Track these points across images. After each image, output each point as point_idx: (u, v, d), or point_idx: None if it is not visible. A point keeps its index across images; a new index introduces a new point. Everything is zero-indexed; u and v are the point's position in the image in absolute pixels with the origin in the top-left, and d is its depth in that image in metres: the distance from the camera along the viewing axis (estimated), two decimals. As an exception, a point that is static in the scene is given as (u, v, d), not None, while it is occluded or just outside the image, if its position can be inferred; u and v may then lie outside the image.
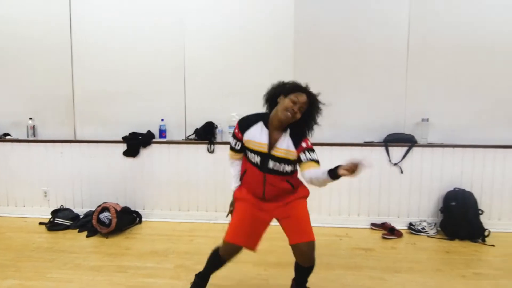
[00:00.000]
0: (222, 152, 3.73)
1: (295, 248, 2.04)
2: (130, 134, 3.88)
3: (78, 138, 3.99)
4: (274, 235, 2.39)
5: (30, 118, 4.02)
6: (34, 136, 4.03)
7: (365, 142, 3.72)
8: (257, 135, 2.07)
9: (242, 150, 2.18)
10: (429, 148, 3.64)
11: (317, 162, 2.05)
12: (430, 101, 3.73)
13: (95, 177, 3.90)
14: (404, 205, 3.68)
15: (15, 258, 2.90)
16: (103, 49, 3.92)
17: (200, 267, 2.31)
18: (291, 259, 2.12)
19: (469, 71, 3.69)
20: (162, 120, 3.89)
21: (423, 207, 3.67)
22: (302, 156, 2.03)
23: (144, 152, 3.84)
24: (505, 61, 3.65)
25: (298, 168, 2.16)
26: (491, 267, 2.85)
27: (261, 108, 2.20)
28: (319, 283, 2.47)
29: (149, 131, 3.91)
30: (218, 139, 3.82)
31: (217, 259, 2.18)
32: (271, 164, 2.07)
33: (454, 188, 3.56)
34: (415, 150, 3.63)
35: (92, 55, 3.93)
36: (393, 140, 3.66)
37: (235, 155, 2.23)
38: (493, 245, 3.24)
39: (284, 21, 3.77)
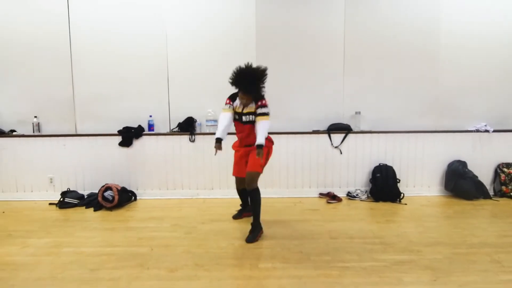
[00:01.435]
0: (201, 141, 4.66)
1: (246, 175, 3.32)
2: (124, 128, 4.71)
3: (78, 133, 4.76)
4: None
5: (35, 117, 4.74)
6: (39, 132, 4.75)
7: (313, 131, 4.78)
8: (237, 103, 3.36)
9: (231, 109, 3.39)
10: (361, 134, 4.76)
11: (264, 114, 3.22)
12: (361, 97, 4.84)
13: (95, 164, 4.69)
14: (343, 178, 4.79)
15: (41, 226, 3.69)
16: (99, 55, 4.70)
17: (190, 225, 3.43)
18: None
19: (390, 77, 4.83)
20: (151, 116, 4.75)
21: (357, 179, 4.79)
22: (256, 111, 3.26)
23: (137, 143, 4.69)
24: (416, 66, 4.82)
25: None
26: (399, 216, 4.00)
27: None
28: (278, 230, 3.50)
29: (139, 126, 4.75)
30: (198, 131, 4.74)
31: (238, 191, 3.77)
32: (244, 118, 3.33)
33: (379, 164, 4.71)
34: (350, 136, 4.74)
35: (89, 61, 4.70)
36: (334, 128, 4.74)
37: (226, 110, 3.39)
38: (405, 204, 4.41)
39: (248, 26, 4.73)
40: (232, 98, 3.41)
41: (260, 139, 3.15)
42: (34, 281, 2.57)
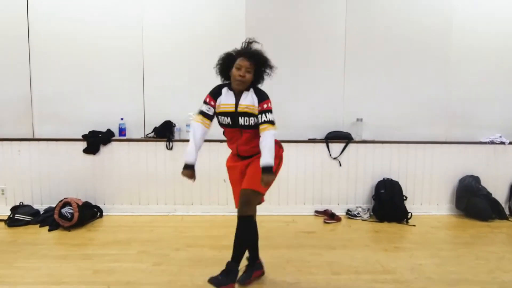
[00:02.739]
0: (180, 149, 4.02)
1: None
2: (89, 132, 4.05)
3: (36, 137, 4.08)
4: (229, 223, 2.75)
5: (-15, 117, 4.05)
6: (-10, 134, 4.06)
7: (309, 139, 4.19)
8: (224, 98, 2.38)
9: (211, 117, 2.40)
10: (363, 144, 4.19)
11: (271, 122, 2.31)
12: (364, 104, 4.28)
13: (55, 174, 4.02)
14: (342, 194, 4.21)
15: (-22, 252, 3.00)
16: (62, 47, 4.04)
17: (162, 253, 2.65)
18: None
19: (396, 79, 4.28)
20: (122, 119, 4.10)
21: (358, 195, 4.22)
22: (260, 117, 2.31)
23: (104, 150, 4.03)
24: (422, 74, 4.28)
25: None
26: (409, 242, 3.43)
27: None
28: (265, 259, 2.87)
29: (108, 130, 4.10)
30: (176, 137, 4.11)
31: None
32: (240, 120, 2.34)
33: (383, 178, 4.14)
34: (351, 146, 4.16)
35: (51, 54, 4.04)
36: (332, 137, 4.17)
37: (203, 119, 2.37)
38: (414, 225, 3.84)
39: (236, 20, 4.11)
40: (215, 93, 2.41)
41: (267, 159, 2.23)
42: None
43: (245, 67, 2.31)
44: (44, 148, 4.01)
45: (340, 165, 4.17)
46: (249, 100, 2.35)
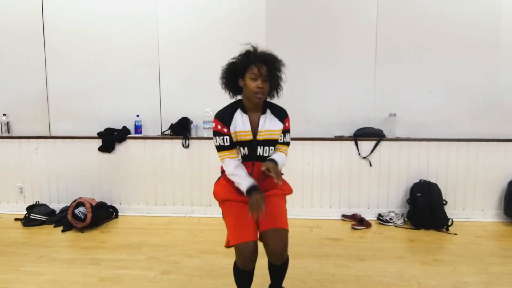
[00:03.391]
0: (197, 147, 3.81)
1: (266, 236, 1.88)
2: (105, 130, 3.91)
3: (53, 134, 4.00)
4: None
5: (4, 115, 4.01)
6: (9, 132, 4.02)
7: (335, 137, 3.84)
8: (240, 124, 1.93)
9: (233, 146, 1.94)
10: (397, 141, 3.78)
11: (288, 145, 2.06)
12: (397, 97, 3.86)
13: (71, 172, 3.92)
14: (373, 197, 3.83)
15: (-11, 253, 2.93)
16: (78, 44, 3.92)
17: (173, 259, 2.40)
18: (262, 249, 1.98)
19: (433, 70, 3.82)
20: (138, 116, 3.93)
21: (391, 199, 3.82)
22: (281, 136, 2.01)
23: (120, 148, 3.88)
24: (464, 62, 3.80)
25: None
26: (451, 254, 3.02)
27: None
28: (288, 272, 2.58)
29: (124, 127, 3.94)
30: (193, 134, 3.89)
31: (240, 274, 1.97)
32: (259, 150, 1.95)
33: (420, 180, 3.72)
34: (383, 143, 3.77)
35: (66, 50, 3.93)
36: (362, 134, 3.79)
37: (230, 154, 1.93)
38: (455, 234, 3.41)
39: (257, 6, 3.83)
40: (224, 120, 1.93)
41: (277, 157, 1.94)
42: None
43: (262, 75, 1.87)
44: (60, 146, 3.91)
45: (371, 165, 3.79)
46: (270, 123, 1.96)
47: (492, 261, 2.84)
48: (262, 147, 1.95)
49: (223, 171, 2.04)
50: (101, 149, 3.86)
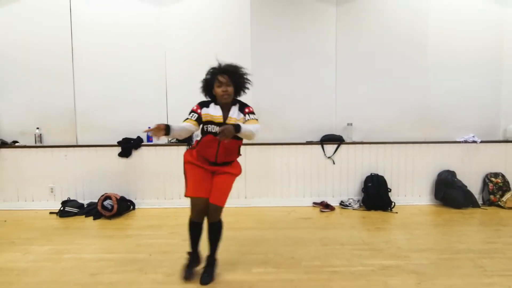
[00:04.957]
0: (198, 151, 4.81)
1: (209, 204, 2.66)
2: (123, 139, 4.86)
3: (79, 143, 4.91)
4: (245, 212, 3.49)
5: (37, 128, 4.89)
6: (41, 142, 4.90)
7: (306, 142, 4.94)
8: (212, 111, 2.68)
9: (196, 120, 2.67)
10: (353, 145, 4.92)
11: (255, 119, 2.68)
12: (353, 109, 5.02)
13: (94, 174, 4.83)
14: (336, 187, 4.93)
15: (42, 234, 3.80)
16: (99, 68, 4.88)
17: (187, 234, 3.21)
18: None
19: (382, 87, 5.01)
20: (149, 127, 4.89)
21: (350, 188, 4.93)
22: (245, 117, 2.68)
23: (135, 154, 4.83)
24: (405, 81, 5.01)
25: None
26: (390, 224, 4.13)
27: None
28: (271, 237, 3.62)
29: (138, 137, 4.90)
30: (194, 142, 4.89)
31: (192, 226, 2.78)
32: None
33: (371, 173, 4.85)
34: (343, 146, 4.89)
35: (90, 73, 4.88)
36: (327, 139, 4.90)
37: (190, 121, 2.67)
38: (396, 212, 4.54)
39: (244, 37, 4.93)
40: (202, 104, 2.72)
41: (244, 127, 2.49)
42: (35, 285, 2.68)
43: (224, 82, 2.62)
44: (86, 153, 4.83)
45: (334, 163, 4.90)
46: (237, 113, 2.69)
47: (418, 227, 3.96)
48: None
49: (198, 142, 2.78)
50: (121, 155, 4.80)
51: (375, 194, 4.69)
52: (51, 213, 4.59)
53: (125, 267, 2.95)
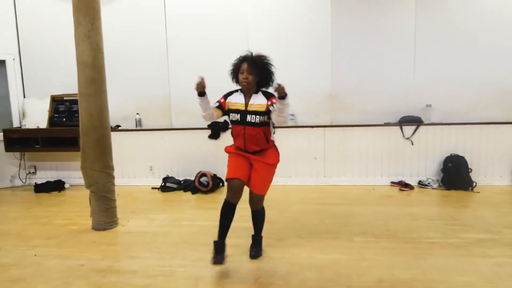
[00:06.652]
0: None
1: (250, 193, 2.86)
2: (212, 123, 5.32)
3: (174, 127, 5.47)
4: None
5: (137, 113, 5.51)
6: (141, 126, 5.52)
7: (384, 123, 5.11)
8: (234, 98, 2.82)
9: (218, 108, 2.85)
10: (432, 126, 5.00)
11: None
12: (432, 91, 5.07)
13: (188, 154, 5.37)
14: (414, 168, 5.07)
15: (155, 205, 4.40)
16: (190, 58, 5.33)
17: (282, 207, 3.61)
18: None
19: (461, 68, 5.01)
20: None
21: (428, 169, 5.05)
22: (271, 108, 2.67)
23: (224, 135, 5.30)
24: (485, 60, 4.96)
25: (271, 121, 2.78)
26: (474, 202, 4.25)
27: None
28: (361, 211, 3.92)
29: (225, 120, 5.30)
30: (277, 124, 5.26)
31: (226, 206, 2.85)
32: (248, 117, 2.72)
33: (451, 154, 4.93)
34: (422, 128, 5.00)
35: (183, 63, 5.34)
36: (405, 120, 5.04)
37: (214, 107, 2.86)
38: (478, 192, 4.62)
39: (324, 26, 5.15)
40: (226, 94, 2.89)
41: (287, 101, 2.55)
42: (171, 245, 3.21)
43: (245, 70, 2.70)
44: (180, 135, 5.38)
45: (412, 144, 5.04)
46: (258, 100, 2.75)
47: (504, 206, 4.07)
48: (250, 115, 2.72)
49: (231, 133, 2.94)
50: (210, 136, 5.30)
51: (456, 174, 4.78)
52: (153, 188, 5.22)
53: (244, 233, 3.31)
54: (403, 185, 4.89)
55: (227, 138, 5.23)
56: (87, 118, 3.50)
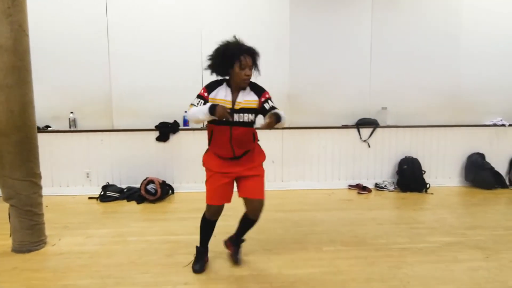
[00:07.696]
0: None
1: (249, 202, 2.51)
2: (160, 123, 4.82)
3: (115, 128, 4.85)
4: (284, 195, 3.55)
5: (71, 112, 4.81)
6: (75, 127, 4.83)
7: (342, 125, 5.00)
8: (221, 94, 2.35)
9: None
10: (388, 128, 5.00)
11: (276, 108, 2.40)
12: (388, 94, 5.08)
13: (132, 159, 4.79)
14: (371, 170, 5.03)
15: (93, 219, 3.79)
16: (136, 51, 4.78)
17: (228, 214, 3.22)
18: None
19: (415, 73, 5.08)
20: (186, 112, 4.88)
21: (384, 171, 5.04)
22: (266, 106, 2.37)
23: (173, 138, 4.82)
24: (437, 67, 5.09)
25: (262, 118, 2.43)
26: (431, 204, 4.26)
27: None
28: (324, 218, 3.70)
29: (175, 121, 4.88)
30: (232, 125, 4.90)
31: (206, 223, 2.66)
32: (236, 116, 2.34)
33: (405, 156, 4.96)
34: (378, 130, 4.98)
35: (127, 56, 4.78)
36: (362, 123, 4.98)
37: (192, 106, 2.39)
38: (432, 193, 4.67)
39: (283, 26, 4.92)
40: (210, 87, 2.40)
41: (282, 116, 2.30)
42: (117, 267, 2.70)
43: (249, 65, 2.31)
44: (122, 137, 4.78)
45: (369, 146, 4.98)
46: (248, 96, 2.38)
47: (458, 207, 4.14)
48: (238, 114, 2.35)
49: (209, 141, 2.53)
50: (158, 139, 4.78)
51: (410, 176, 4.81)
52: (90, 198, 4.56)
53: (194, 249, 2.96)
54: (361, 188, 4.80)
55: (176, 141, 4.77)
56: (6, 115, 2.84)
